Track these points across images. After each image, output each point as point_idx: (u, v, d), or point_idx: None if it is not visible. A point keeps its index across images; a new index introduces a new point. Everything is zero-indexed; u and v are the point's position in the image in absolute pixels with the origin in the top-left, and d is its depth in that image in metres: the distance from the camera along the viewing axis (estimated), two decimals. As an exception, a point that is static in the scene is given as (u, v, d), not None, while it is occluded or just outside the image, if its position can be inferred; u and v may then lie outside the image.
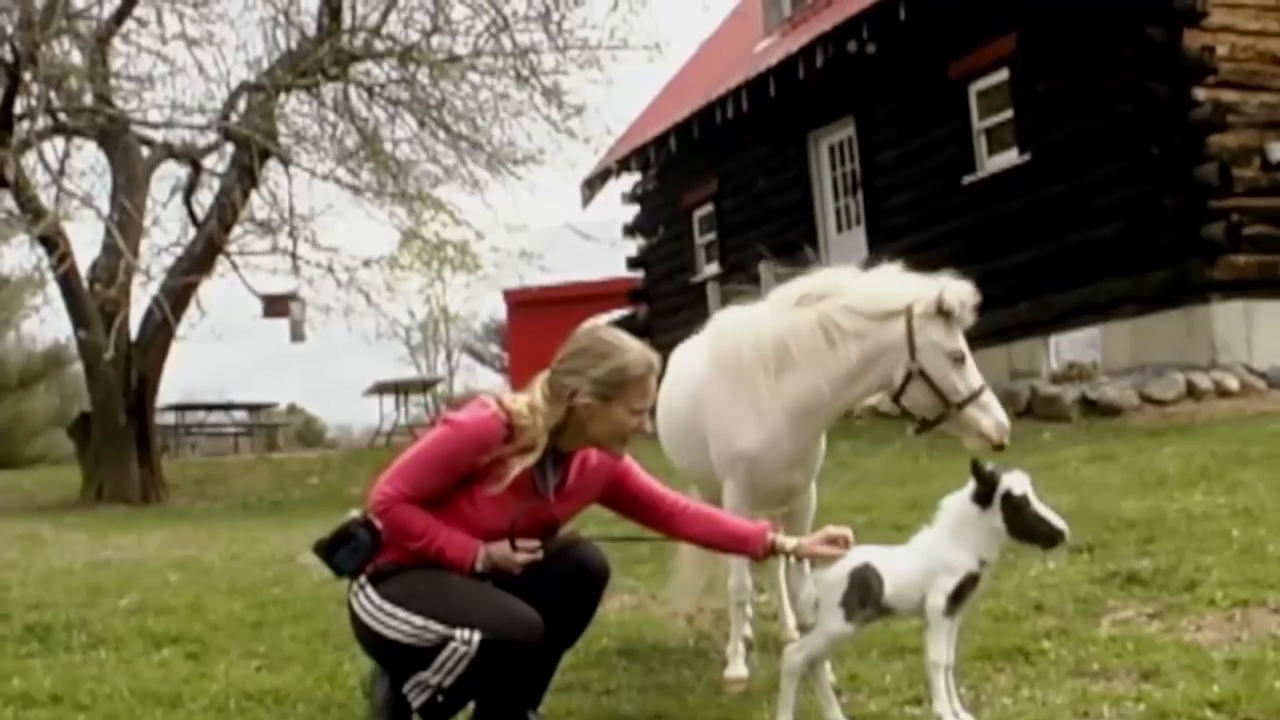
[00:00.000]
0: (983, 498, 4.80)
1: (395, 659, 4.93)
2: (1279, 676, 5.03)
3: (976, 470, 4.82)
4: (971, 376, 5.67)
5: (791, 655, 5.05)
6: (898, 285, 5.79)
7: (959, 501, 4.88)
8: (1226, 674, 5.20)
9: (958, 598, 4.83)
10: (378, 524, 4.94)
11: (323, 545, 5.01)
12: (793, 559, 5.15)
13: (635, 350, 5.04)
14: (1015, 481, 4.78)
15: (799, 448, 5.92)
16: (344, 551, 4.96)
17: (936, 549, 4.91)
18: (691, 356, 6.40)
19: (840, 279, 5.96)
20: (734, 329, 6.07)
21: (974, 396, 5.62)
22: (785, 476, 5.98)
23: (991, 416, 5.61)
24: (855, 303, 5.73)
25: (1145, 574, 7.14)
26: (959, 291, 5.65)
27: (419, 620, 4.79)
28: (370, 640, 4.97)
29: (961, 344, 5.63)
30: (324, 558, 5.02)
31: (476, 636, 4.70)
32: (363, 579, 4.94)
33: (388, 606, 4.85)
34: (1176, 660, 5.49)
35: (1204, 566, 7.14)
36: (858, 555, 5.01)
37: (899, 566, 4.97)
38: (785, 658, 5.08)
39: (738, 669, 5.91)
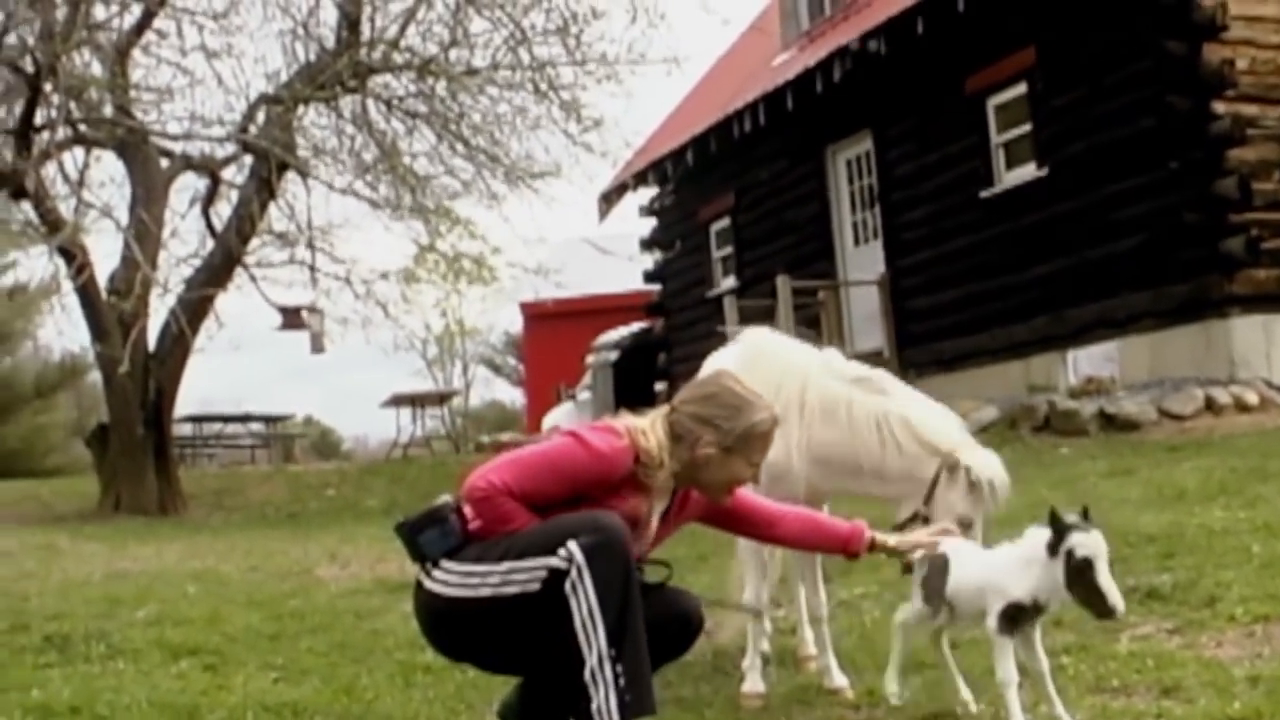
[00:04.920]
0: (1052, 546, 4.75)
1: (498, 635, 4.78)
2: (1300, 692, 5.02)
3: (1053, 517, 4.78)
4: None
5: (897, 613, 5.45)
6: (951, 429, 5.79)
7: (1036, 537, 4.86)
8: (1247, 690, 5.18)
9: (1011, 620, 4.84)
10: (467, 511, 4.77)
11: (408, 525, 4.81)
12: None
13: (764, 406, 4.99)
14: (1083, 542, 4.70)
15: (812, 489, 5.95)
16: (432, 533, 4.75)
17: (1000, 569, 4.95)
18: (723, 367, 6.40)
19: (901, 387, 6.01)
20: (775, 359, 6.10)
21: None
22: (798, 502, 5.99)
23: None
24: (915, 423, 5.76)
25: (1165, 589, 7.12)
26: (990, 470, 5.60)
27: (506, 564, 4.62)
28: (462, 620, 4.76)
29: (975, 515, 5.58)
30: (407, 538, 4.80)
31: (574, 545, 4.52)
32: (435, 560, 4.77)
33: (471, 567, 4.68)
34: (1197, 676, 5.48)
35: (1224, 582, 7.12)
36: (948, 544, 5.19)
37: (966, 569, 5.08)
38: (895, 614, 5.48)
39: (755, 684, 5.90)
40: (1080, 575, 4.68)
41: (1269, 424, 15.08)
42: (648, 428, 4.88)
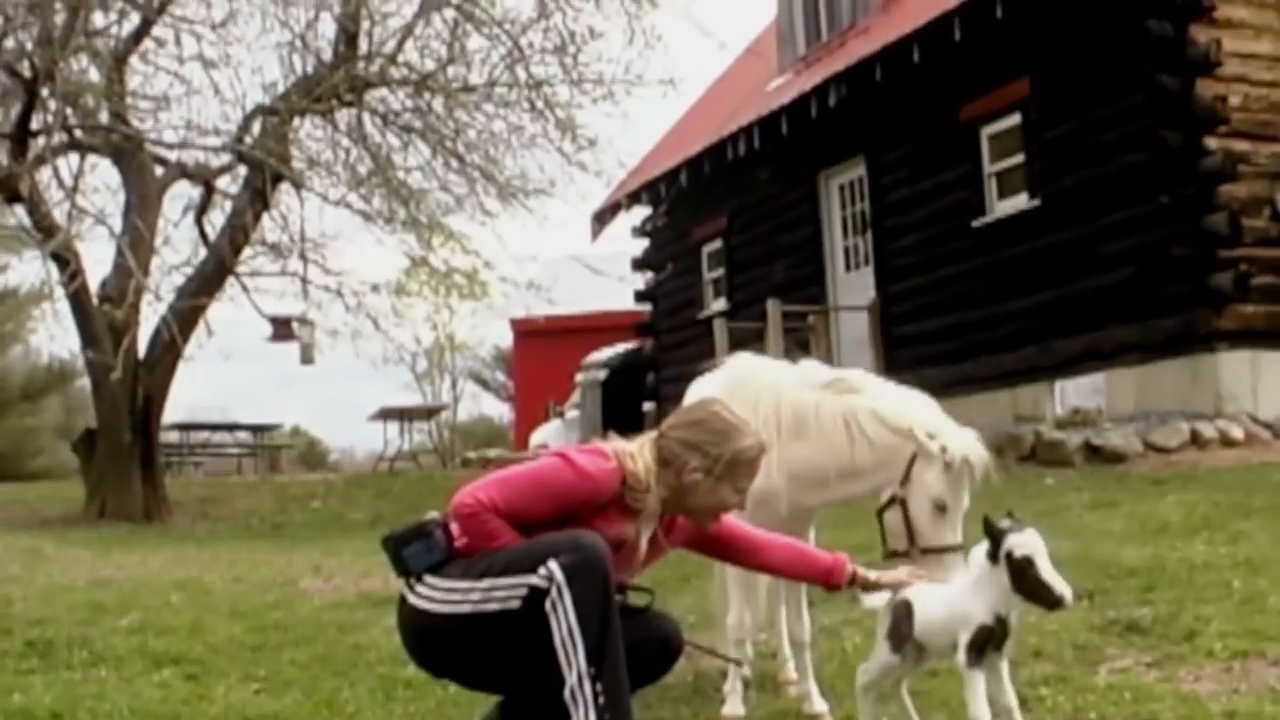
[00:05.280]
0: (992, 555, 4.83)
1: (479, 652, 4.80)
2: (1275, 729, 5.05)
3: (987, 526, 4.86)
4: (946, 532, 5.60)
5: (859, 676, 5.31)
6: (925, 414, 5.76)
7: (978, 554, 4.93)
8: (1223, 725, 5.22)
9: (977, 650, 4.87)
10: (454, 528, 4.82)
11: (394, 539, 4.85)
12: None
13: (752, 434, 5.04)
14: (1019, 543, 4.78)
15: (794, 506, 5.95)
16: (417, 546, 4.79)
17: (959, 598, 4.99)
18: (707, 393, 6.42)
19: (874, 381, 6.01)
20: (755, 379, 6.11)
21: (940, 550, 5.56)
22: (781, 526, 6.01)
23: (948, 576, 5.42)
24: (883, 411, 5.73)
25: (1145, 623, 7.15)
26: (967, 448, 5.59)
27: (487, 581, 4.66)
28: (444, 636, 4.80)
29: (948, 497, 5.56)
30: (393, 552, 4.84)
31: (554, 564, 4.56)
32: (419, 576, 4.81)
33: (454, 584, 4.72)
34: (1174, 710, 5.51)
35: (1204, 616, 7.15)
36: (907, 591, 5.20)
37: (930, 607, 5.10)
38: (857, 677, 5.35)
39: (735, 707, 5.92)
40: (1023, 574, 4.75)
41: (1254, 459, 15.11)
42: (636, 451, 4.92)
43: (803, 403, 5.86)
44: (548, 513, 4.78)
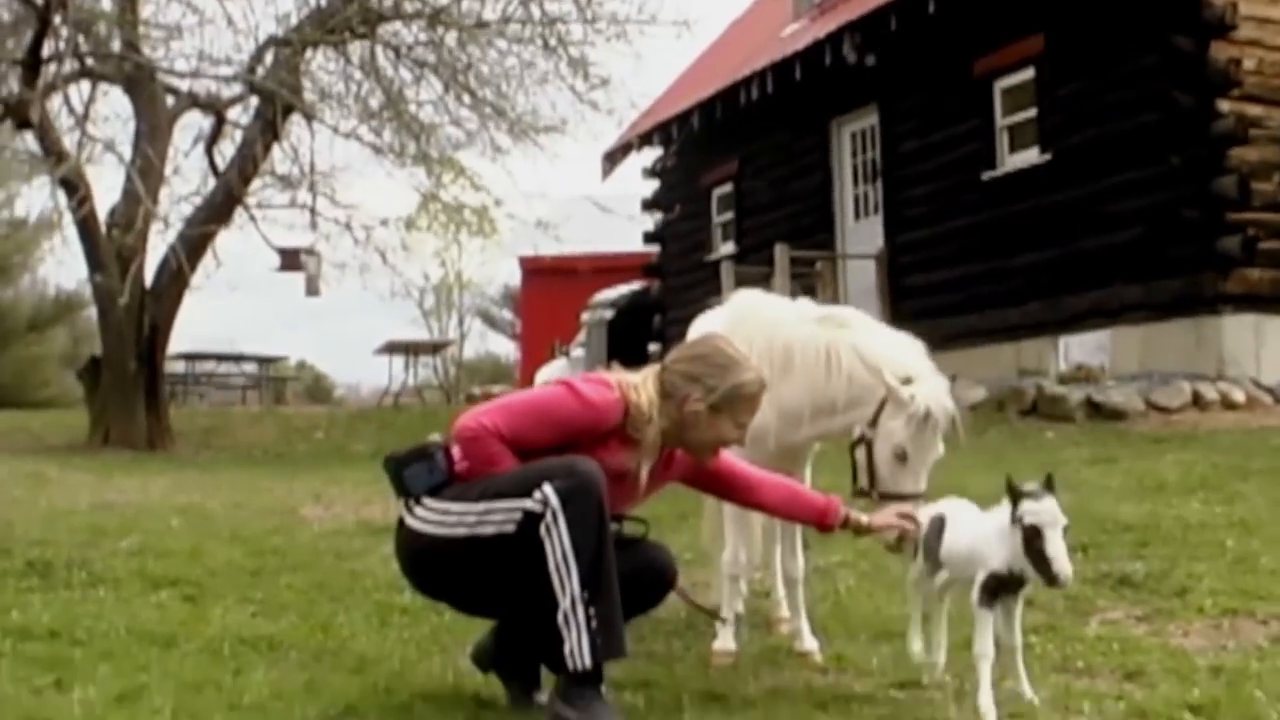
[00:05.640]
0: (1011, 515, 4.79)
1: (474, 575, 4.84)
2: (1260, 685, 5.08)
3: (1009, 486, 4.83)
4: (906, 480, 5.53)
5: (911, 571, 5.41)
6: (906, 357, 5.68)
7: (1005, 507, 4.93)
8: (1209, 679, 5.25)
9: (990, 592, 4.90)
10: (455, 451, 4.86)
11: (395, 460, 4.90)
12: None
13: (753, 369, 5.07)
14: (1032, 510, 4.73)
15: (785, 444, 5.96)
16: (417, 468, 4.84)
17: (984, 539, 4.98)
18: (710, 328, 6.42)
19: (865, 320, 5.97)
20: (754, 316, 6.11)
21: (898, 498, 5.50)
22: (776, 463, 6.03)
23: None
24: (863, 348, 5.69)
25: (1137, 577, 7.21)
26: (932, 398, 5.49)
27: (483, 504, 4.70)
28: (440, 558, 4.85)
29: (909, 445, 5.47)
30: (393, 473, 4.89)
31: (549, 489, 4.58)
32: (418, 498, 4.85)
33: (450, 506, 4.77)
34: (1161, 663, 5.55)
35: (1196, 574, 7.21)
36: (948, 505, 5.26)
37: (959, 536, 5.12)
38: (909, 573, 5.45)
39: (727, 642, 5.94)
40: (1030, 543, 4.72)
41: (1254, 423, 15.16)
42: (639, 383, 4.96)
43: (791, 336, 5.86)
44: (549, 440, 4.81)
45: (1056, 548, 4.70)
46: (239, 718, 4.77)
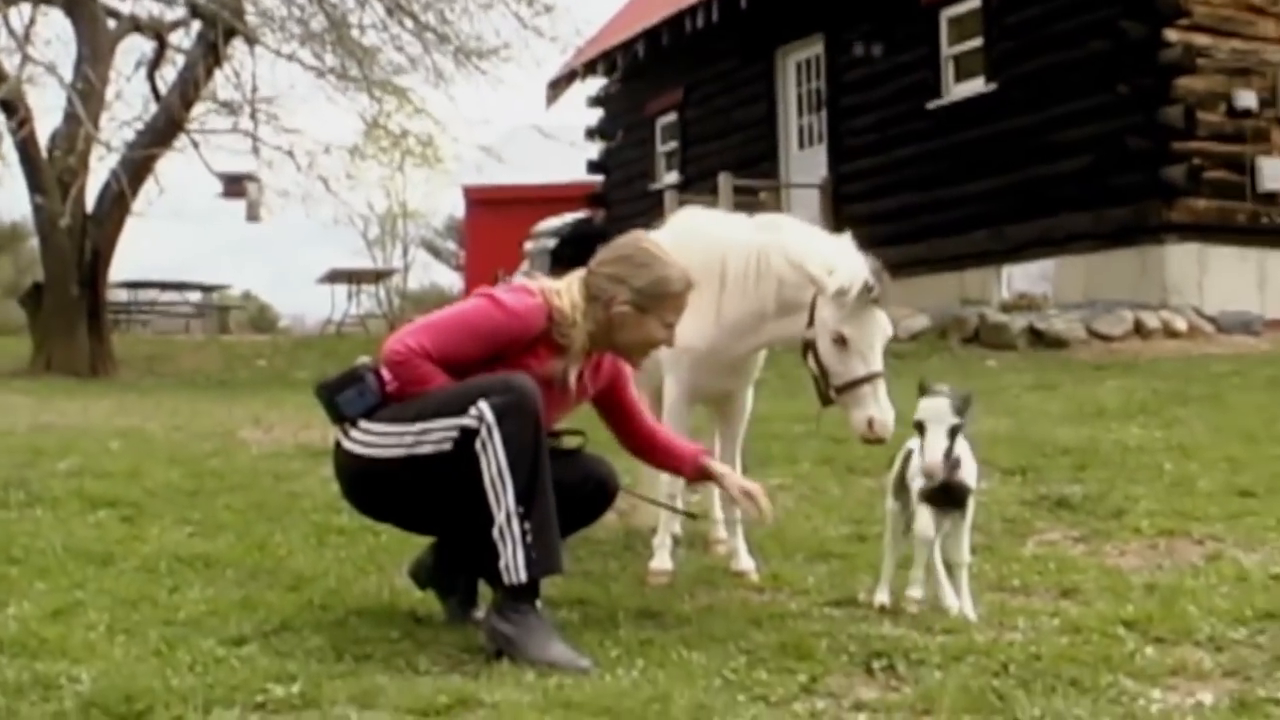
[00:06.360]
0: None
1: (416, 495, 4.84)
2: (1193, 601, 5.11)
3: (920, 384, 4.93)
4: (854, 364, 5.44)
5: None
6: (835, 256, 5.56)
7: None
8: (1143, 596, 5.29)
9: (927, 498, 5.01)
10: (386, 376, 4.81)
11: (327, 386, 4.85)
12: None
13: (677, 267, 5.03)
14: (924, 408, 4.89)
15: (734, 356, 5.94)
16: (350, 393, 4.79)
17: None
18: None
19: (798, 225, 5.93)
20: (692, 231, 6.08)
21: (853, 384, 5.45)
22: (721, 381, 6.03)
23: (863, 410, 5.40)
24: (791, 250, 5.62)
25: (1075, 499, 7.26)
26: (853, 274, 5.40)
27: (419, 424, 4.67)
28: (379, 479, 4.83)
29: (846, 328, 5.40)
30: (326, 400, 4.84)
31: (485, 405, 4.55)
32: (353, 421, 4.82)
33: (387, 428, 4.74)
34: (1096, 581, 5.58)
35: (1133, 496, 7.27)
36: (913, 442, 5.19)
37: (917, 455, 5.11)
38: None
39: (663, 561, 5.94)
40: (920, 434, 4.91)
41: (1195, 351, 15.27)
42: (563, 288, 4.93)
43: (725, 244, 5.83)
44: (478, 353, 4.79)
45: (931, 441, 4.85)
46: (174, 632, 4.74)
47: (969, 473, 5.05)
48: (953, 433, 4.87)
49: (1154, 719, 3.84)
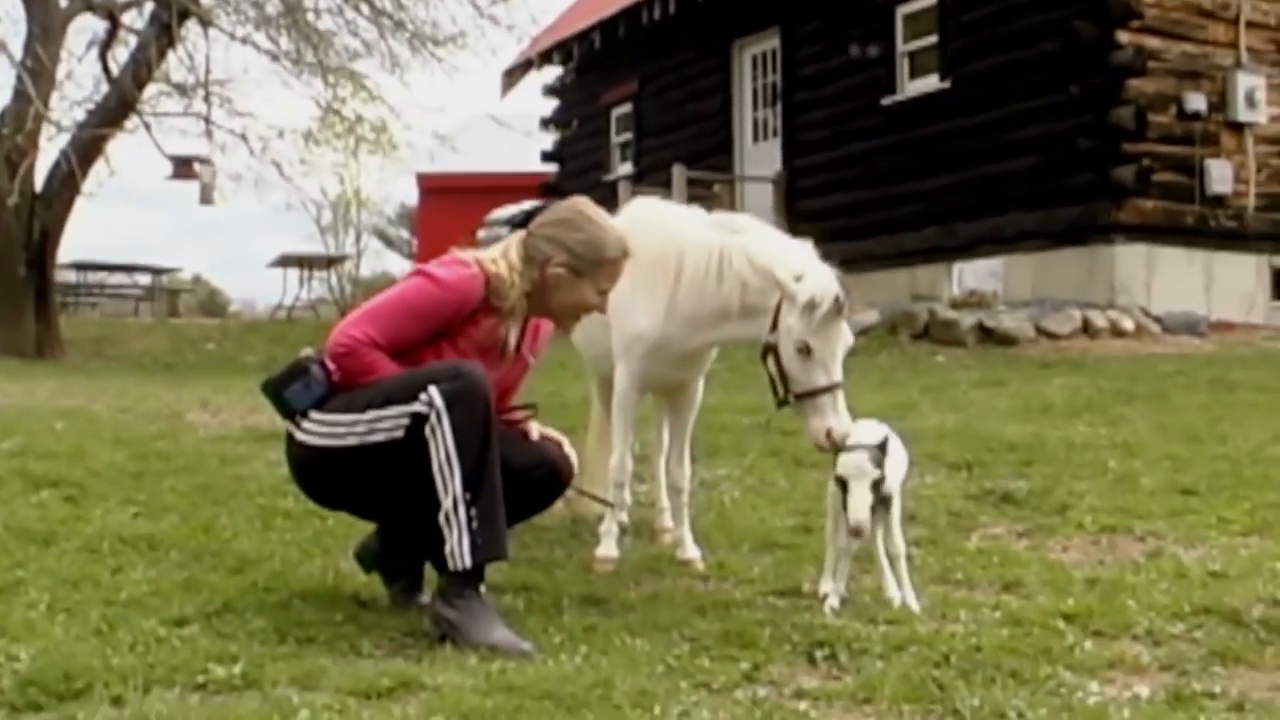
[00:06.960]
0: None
1: (369, 483, 4.85)
2: (1134, 595, 5.15)
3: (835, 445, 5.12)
4: (816, 374, 5.41)
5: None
6: (798, 260, 5.55)
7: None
8: (1084, 591, 5.32)
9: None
10: (331, 367, 4.79)
11: (273, 382, 4.83)
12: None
13: (615, 233, 5.04)
14: (844, 464, 5.04)
15: (686, 349, 5.93)
16: (296, 387, 4.78)
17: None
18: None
19: (760, 227, 5.93)
20: (647, 220, 6.07)
21: (814, 393, 5.41)
22: (672, 372, 6.02)
23: (823, 420, 5.35)
24: (754, 253, 5.60)
25: (1019, 495, 7.30)
26: (820, 286, 5.37)
27: (372, 413, 4.67)
28: (333, 469, 4.83)
29: (810, 338, 5.36)
30: (273, 395, 4.84)
31: (434, 391, 4.55)
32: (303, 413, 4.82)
33: (338, 417, 4.73)
34: (1038, 575, 5.61)
35: (1077, 492, 7.32)
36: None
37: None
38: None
39: (610, 549, 5.94)
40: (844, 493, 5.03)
41: (1141, 350, 15.38)
42: (498, 255, 4.94)
43: (684, 240, 5.82)
44: (422, 332, 4.81)
45: (855, 499, 4.93)
46: (115, 612, 4.72)
47: (897, 463, 5.13)
48: (875, 486, 4.93)
49: (1091, 711, 3.86)
